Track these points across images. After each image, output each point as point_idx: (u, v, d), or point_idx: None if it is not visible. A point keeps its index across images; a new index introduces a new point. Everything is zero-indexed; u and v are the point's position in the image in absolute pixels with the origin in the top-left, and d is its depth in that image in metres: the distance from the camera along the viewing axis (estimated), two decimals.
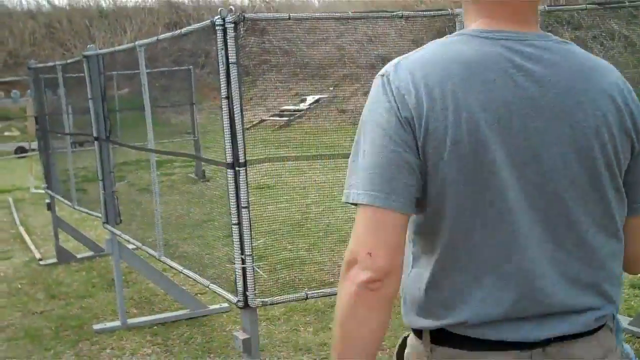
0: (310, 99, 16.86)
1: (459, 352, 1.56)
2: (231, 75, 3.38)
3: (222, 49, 3.38)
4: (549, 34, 1.56)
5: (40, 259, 7.94)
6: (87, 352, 5.19)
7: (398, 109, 1.47)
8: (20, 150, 19.15)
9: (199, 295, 6.16)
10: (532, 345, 1.54)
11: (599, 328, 1.58)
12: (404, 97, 1.46)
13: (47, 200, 8.02)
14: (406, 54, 1.54)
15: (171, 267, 4.56)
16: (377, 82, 1.52)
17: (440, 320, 1.56)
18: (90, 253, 7.95)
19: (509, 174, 1.48)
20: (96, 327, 5.61)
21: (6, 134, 21.66)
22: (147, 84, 5.00)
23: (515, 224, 1.51)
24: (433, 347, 1.59)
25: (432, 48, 1.54)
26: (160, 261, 4.75)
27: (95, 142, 5.78)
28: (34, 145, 17.02)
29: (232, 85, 3.38)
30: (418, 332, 1.63)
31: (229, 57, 3.37)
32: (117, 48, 5.75)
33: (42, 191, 13.39)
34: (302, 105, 16.78)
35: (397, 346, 1.73)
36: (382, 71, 1.53)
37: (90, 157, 7.47)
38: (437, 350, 1.58)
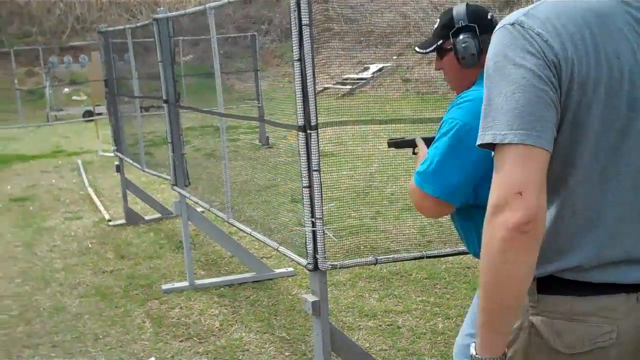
0: (373, 68, 16.74)
1: (568, 298, 1.57)
2: (304, 37, 3.35)
3: (295, 10, 3.36)
4: None
5: (110, 220, 8.13)
6: (157, 310, 5.31)
7: (543, 52, 1.50)
8: (88, 114, 19.55)
9: (263, 259, 6.23)
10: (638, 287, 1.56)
11: None
12: (547, 42, 1.51)
13: (117, 163, 8.17)
14: (529, 6, 1.59)
15: (240, 229, 4.60)
16: (507, 30, 1.55)
17: (551, 264, 1.58)
18: (158, 215, 8.09)
19: (635, 119, 1.56)
20: (164, 287, 5.73)
21: (74, 98, 22.13)
22: (213, 50, 5.01)
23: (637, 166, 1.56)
24: (540, 297, 1.59)
25: (557, 2, 1.59)
26: (229, 223, 4.80)
27: (165, 105, 5.85)
28: (99, 109, 17.37)
29: (305, 48, 3.36)
30: None
31: (302, 19, 3.35)
32: (187, 11, 5.76)
33: (110, 154, 13.67)
34: (365, 74, 16.69)
35: None
36: (511, 20, 1.57)
37: (155, 122, 7.59)
38: (544, 300, 1.60)
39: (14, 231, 7.97)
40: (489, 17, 2.70)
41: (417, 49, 2.67)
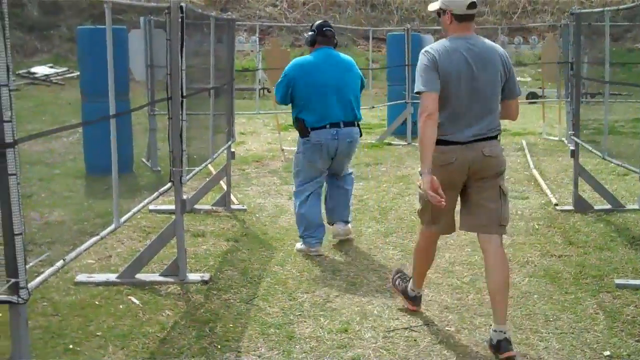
0: None
1: (441, 147, 4.33)
2: None
3: None
4: (476, 35, 4.47)
5: (556, 204, 8.04)
6: (609, 304, 5.12)
7: (435, 62, 4.33)
8: (532, 95, 19.61)
9: None
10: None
11: None
12: (435, 57, 4.32)
13: (572, 148, 7.99)
14: (431, 44, 4.48)
15: None
16: (422, 54, 4.38)
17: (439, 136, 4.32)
18: (608, 206, 7.77)
19: (462, 86, 4.37)
20: (618, 281, 5.48)
21: (519, 79, 22.35)
22: None
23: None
24: (436, 147, 4.27)
25: (440, 42, 4.44)
26: None
27: None
28: (546, 92, 17.30)
29: None
30: None
31: None
32: None
33: (554, 138, 13.57)
34: None
35: None
36: (425, 50, 4.41)
37: (619, 110, 7.25)
38: (438, 147, 4.29)
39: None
40: (324, 29, 6.38)
41: None
